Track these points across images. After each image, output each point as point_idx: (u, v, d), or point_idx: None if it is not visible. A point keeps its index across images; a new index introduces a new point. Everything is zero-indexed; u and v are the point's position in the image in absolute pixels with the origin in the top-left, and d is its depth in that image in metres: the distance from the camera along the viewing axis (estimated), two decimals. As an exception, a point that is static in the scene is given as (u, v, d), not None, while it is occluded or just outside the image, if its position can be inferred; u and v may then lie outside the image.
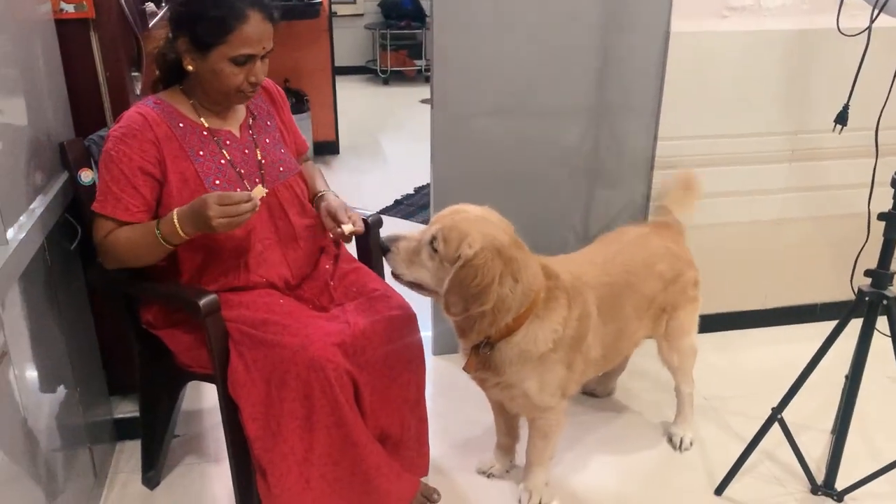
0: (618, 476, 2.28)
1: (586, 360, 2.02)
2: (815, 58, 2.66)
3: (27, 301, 1.65)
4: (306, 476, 1.75)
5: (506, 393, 1.98)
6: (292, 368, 1.69)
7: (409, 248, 1.80)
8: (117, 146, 1.74)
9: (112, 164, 1.74)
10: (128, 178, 1.74)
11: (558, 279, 1.91)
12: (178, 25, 1.76)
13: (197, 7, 1.72)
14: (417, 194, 4.61)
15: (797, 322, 3.09)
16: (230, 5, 1.71)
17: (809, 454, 2.24)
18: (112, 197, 1.75)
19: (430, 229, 1.78)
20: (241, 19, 1.71)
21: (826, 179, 2.87)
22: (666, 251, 2.22)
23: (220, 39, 1.72)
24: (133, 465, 2.24)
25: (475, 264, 1.71)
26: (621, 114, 2.66)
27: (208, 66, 1.76)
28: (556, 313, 1.88)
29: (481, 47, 2.49)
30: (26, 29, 1.75)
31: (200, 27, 1.72)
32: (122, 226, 1.76)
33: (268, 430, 1.74)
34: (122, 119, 1.80)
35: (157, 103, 1.83)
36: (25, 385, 1.60)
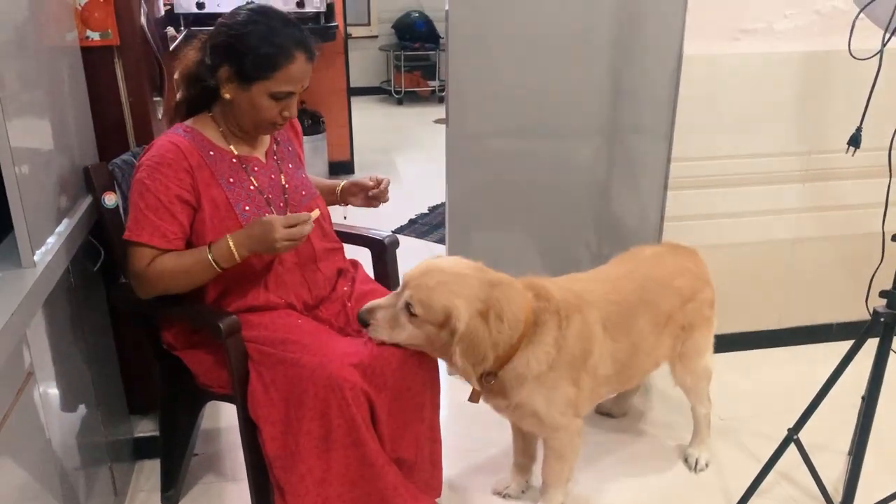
0: (633, 497, 2.28)
1: (595, 378, 2.03)
2: (827, 79, 2.68)
3: (51, 322, 1.68)
4: (324, 496, 1.76)
5: (517, 414, 2.00)
6: (310, 387, 1.71)
7: (387, 317, 1.84)
8: (152, 175, 1.76)
9: (147, 193, 1.76)
10: (165, 206, 1.77)
11: (549, 301, 1.93)
12: (223, 55, 1.78)
13: (248, 42, 1.75)
14: (432, 213, 4.63)
15: (812, 342, 3.08)
16: (280, 44, 1.75)
17: (826, 475, 2.22)
18: (149, 225, 1.76)
19: (404, 294, 1.82)
20: (289, 59, 1.76)
21: (840, 199, 2.87)
22: (684, 269, 2.23)
23: (265, 75, 1.76)
24: (153, 483, 2.26)
25: (470, 335, 1.77)
26: (635, 135, 2.68)
27: (247, 98, 1.79)
28: (547, 335, 1.91)
29: (495, 68, 2.52)
30: (54, 56, 1.80)
31: (248, 61, 1.75)
32: (162, 253, 1.78)
33: (286, 450, 1.75)
34: (153, 148, 1.82)
35: (187, 131, 1.85)
36: (49, 404, 1.63)
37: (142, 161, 1.81)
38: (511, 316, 1.84)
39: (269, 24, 1.77)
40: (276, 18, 1.79)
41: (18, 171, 1.50)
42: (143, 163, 1.80)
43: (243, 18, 1.78)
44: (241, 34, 1.76)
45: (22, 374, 1.47)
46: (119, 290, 1.96)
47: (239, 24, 1.77)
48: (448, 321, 1.78)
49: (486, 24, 2.47)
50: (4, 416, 1.36)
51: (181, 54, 1.89)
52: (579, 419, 2.05)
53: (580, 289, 2.03)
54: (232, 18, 1.79)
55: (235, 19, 1.79)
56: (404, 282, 1.85)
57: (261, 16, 1.79)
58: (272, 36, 1.75)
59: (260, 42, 1.75)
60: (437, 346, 1.83)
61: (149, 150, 1.83)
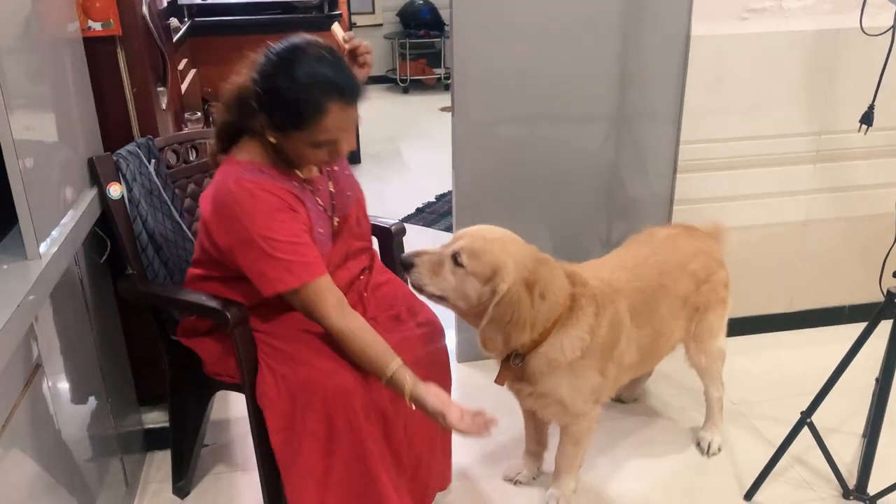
0: (646, 481, 2.27)
1: (620, 367, 2.02)
2: (838, 58, 2.64)
3: (59, 314, 1.68)
4: (322, 498, 1.76)
5: (540, 402, 1.99)
6: (320, 389, 1.70)
7: (433, 261, 1.83)
8: (271, 225, 1.66)
9: (277, 242, 1.66)
10: (299, 243, 1.69)
11: (586, 287, 1.92)
12: (256, 104, 1.66)
13: (276, 97, 1.62)
14: (439, 202, 4.62)
15: (825, 325, 3.05)
16: (307, 98, 1.61)
17: (840, 458, 2.21)
18: (298, 265, 1.68)
19: (453, 245, 1.82)
20: (320, 112, 1.62)
21: (852, 180, 2.84)
22: (698, 251, 2.21)
23: (299, 128, 1.65)
24: (163, 474, 2.26)
25: (510, 300, 1.76)
26: (643, 118, 2.66)
27: (290, 145, 1.70)
28: (583, 322, 1.89)
29: (501, 55, 2.50)
30: (56, 47, 1.79)
31: (278, 116, 1.65)
32: (324, 283, 1.71)
33: (289, 445, 1.75)
34: (244, 201, 1.67)
35: (263, 171, 1.72)
36: (58, 396, 1.63)
37: (239, 215, 1.66)
38: (552, 296, 1.84)
39: (296, 75, 1.61)
40: (307, 65, 1.62)
41: (22, 164, 1.49)
42: (246, 217, 1.66)
43: (270, 68, 1.63)
44: (268, 89, 1.63)
45: (30, 366, 1.47)
46: (126, 282, 1.95)
47: (267, 75, 1.63)
48: (493, 278, 1.77)
49: (490, 9, 2.44)
50: (13, 408, 1.36)
51: (218, 103, 1.79)
52: (599, 407, 2.04)
53: (607, 276, 2.01)
54: (261, 69, 1.65)
55: (264, 70, 1.64)
56: (456, 236, 1.85)
57: (288, 64, 1.62)
58: (300, 89, 1.61)
59: (287, 96, 1.61)
60: (474, 305, 1.81)
61: (240, 204, 1.67)
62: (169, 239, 2.04)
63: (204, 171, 2.25)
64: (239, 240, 1.68)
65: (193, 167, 2.23)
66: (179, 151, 2.20)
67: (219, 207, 1.71)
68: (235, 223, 1.67)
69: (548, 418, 2.10)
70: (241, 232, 1.67)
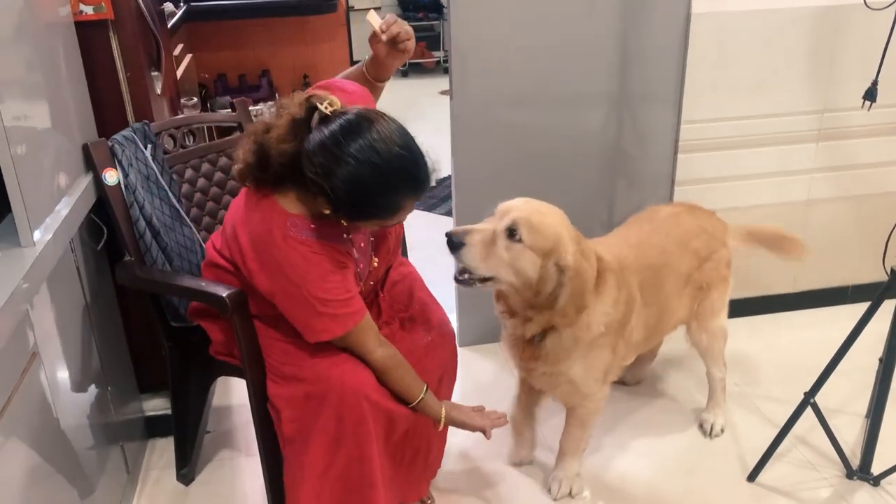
0: (649, 464, 2.26)
1: (628, 344, 2.02)
2: (841, 34, 2.61)
3: (56, 302, 1.66)
4: (318, 490, 1.75)
5: (552, 381, 1.97)
6: (336, 386, 1.68)
7: (484, 240, 1.74)
8: (324, 286, 1.62)
9: (328, 302, 1.63)
10: (349, 298, 1.66)
11: (603, 262, 1.90)
12: (325, 196, 1.54)
13: (350, 200, 1.53)
14: (439, 186, 4.59)
15: (828, 305, 3.04)
16: (389, 203, 1.57)
17: (844, 438, 2.20)
18: (344, 317, 1.66)
19: (504, 219, 1.74)
20: (393, 211, 1.59)
21: (855, 159, 2.81)
22: (700, 229, 2.20)
23: (368, 221, 1.62)
24: (165, 461, 2.26)
25: (578, 272, 1.73)
26: (643, 98, 2.63)
27: (352, 226, 1.68)
28: (608, 296, 1.87)
29: (499, 36, 2.47)
30: (47, 32, 1.77)
31: (353, 212, 1.57)
32: (365, 324, 1.70)
33: (300, 435, 1.74)
34: (296, 262, 1.60)
35: (312, 229, 1.63)
36: (57, 385, 1.62)
37: (290, 275, 1.61)
38: (594, 269, 1.81)
39: (368, 180, 1.51)
40: (380, 162, 1.50)
41: (14, 151, 1.47)
42: (298, 278, 1.60)
43: (343, 168, 1.50)
44: (333, 187, 1.51)
45: (26, 354, 1.46)
46: (124, 268, 1.94)
47: (337, 174, 1.50)
48: (554, 251, 1.72)
49: (488, -11, 2.41)
50: (10, 396, 1.35)
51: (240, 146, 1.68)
52: (608, 386, 2.04)
53: (617, 254, 1.99)
54: (328, 160, 1.50)
55: (332, 165, 1.50)
56: (503, 209, 1.77)
57: (360, 165, 1.50)
58: (374, 194, 1.53)
59: (360, 200, 1.53)
60: (530, 281, 1.75)
61: (292, 265, 1.60)
62: (167, 224, 2.03)
63: (202, 155, 2.22)
64: (286, 293, 1.64)
65: (191, 152, 2.20)
66: (176, 136, 2.18)
67: (263, 257, 1.64)
68: (282, 278, 1.62)
69: (556, 398, 2.08)
70: (289, 288, 1.63)
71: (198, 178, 2.21)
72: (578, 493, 2.13)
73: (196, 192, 2.21)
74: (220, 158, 2.25)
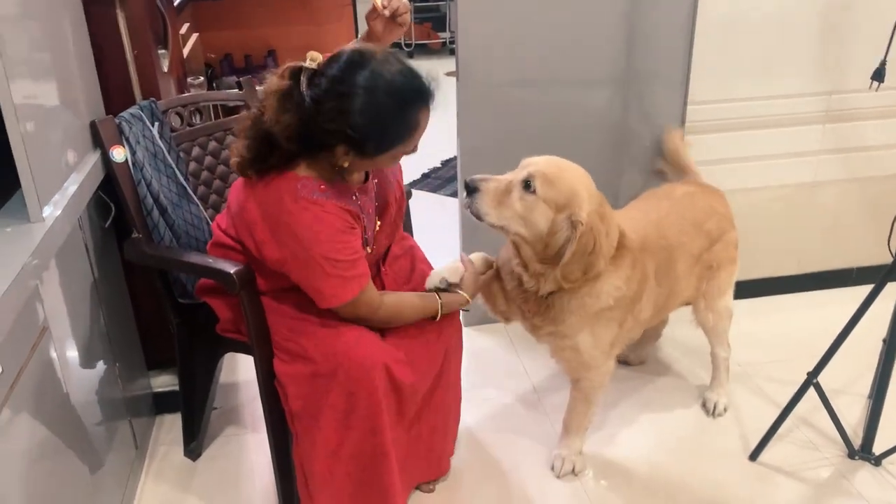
0: (651, 442, 2.28)
1: (637, 321, 2.03)
2: (849, 14, 2.59)
3: (65, 278, 1.68)
4: (331, 469, 1.78)
5: (557, 343, 1.97)
6: (344, 362, 1.70)
7: (499, 189, 1.76)
8: (334, 247, 1.64)
9: (338, 262, 1.65)
10: (356, 259, 1.69)
11: (625, 238, 1.90)
12: (340, 139, 1.58)
13: (370, 129, 1.55)
14: (445, 167, 4.59)
15: (833, 287, 3.04)
16: (405, 120, 1.59)
17: (846, 419, 2.21)
18: (353, 280, 1.68)
19: (522, 171, 1.77)
20: (413, 128, 1.62)
21: (862, 140, 2.80)
22: (712, 210, 2.22)
23: (389, 149, 1.63)
24: (173, 437, 2.29)
25: (591, 229, 1.73)
26: (650, 78, 2.62)
27: (369, 163, 1.69)
28: (622, 271, 1.88)
29: (505, 17, 2.46)
30: (55, 10, 1.77)
31: (369, 144, 1.59)
32: (370, 286, 1.72)
33: (307, 412, 1.76)
34: (307, 223, 1.62)
35: (324, 191, 1.65)
36: (66, 360, 1.64)
37: (301, 236, 1.62)
38: (612, 238, 1.82)
39: (383, 101, 1.55)
40: (388, 86, 1.55)
41: (23, 128, 1.48)
42: (309, 239, 1.62)
43: (351, 100, 1.54)
44: (353, 124, 1.54)
45: (36, 329, 1.48)
46: (132, 245, 1.95)
47: (348, 110, 1.54)
48: (568, 206, 1.73)
49: (494, -31, 2.40)
50: (20, 371, 1.37)
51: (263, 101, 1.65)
52: (612, 361, 2.05)
53: (640, 231, 1.99)
54: (338, 99, 1.54)
55: (343, 102, 1.54)
56: (524, 163, 1.79)
57: (372, 92, 1.54)
58: (391, 115, 1.57)
59: (380, 126, 1.56)
60: (541, 234, 1.75)
61: (303, 224, 1.62)
62: (174, 202, 2.03)
63: (209, 133, 2.23)
64: (296, 257, 1.66)
65: (198, 130, 2.21)
66: (183, 114, 2.18)
67: (273, 224, 1.66)
68: (293, 241, 1.64)
69: (559, 364, 2.08)
70: (300, 252, 1.64)
71: (205, 155, 2.22)
72: (581, 471, 2.15)
73: (203, 170, 2.22)
74: (228, 136, 2.26)
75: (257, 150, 1.65)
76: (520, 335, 2.54)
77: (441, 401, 1.94)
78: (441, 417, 1.97)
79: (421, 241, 2.17)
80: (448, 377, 1.96)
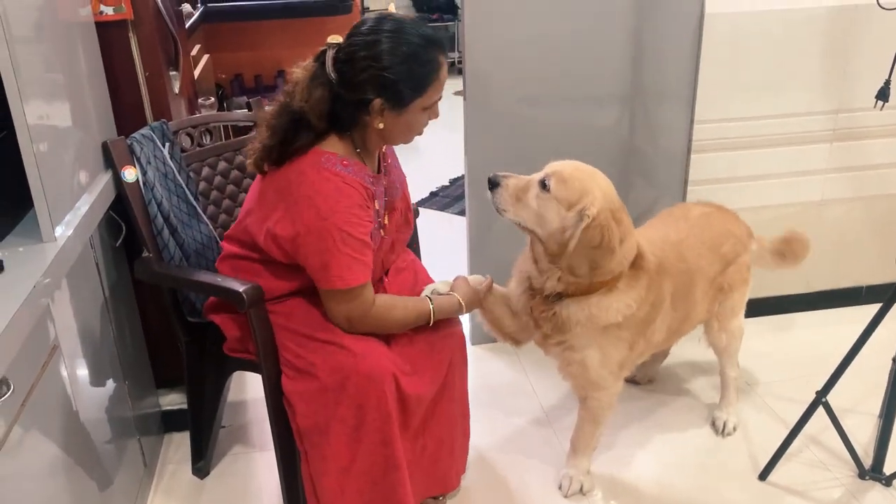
0: (660, 461, 2.27)
1: (648, 343, 2.03)
2: (854, 34, 2.60)
3: (75, 297, 1.70)
4: (342, 485, 1.77)
5: (566, 355, 1.97)
6: (353, 376, 1.71)
7: (518, 186, 1.83)
8: (349, 220, 1.68)
9: (350, 238, 1.68)
10: (366, 243, 1.72)
11: (644, 259, 1.91)
12: (376, 88, 1.66)
13: (400, 69, 1.65)
14: (453, 186, 4.61)
15: (841, 305, 3.03)
16: (430, 59, 1.69)
17: (856, 438, 2.20)
18: (360, 266, 1.71)
19: (542, 172, 1.83)
20: (438, 68, 1.70)
21: (869, 159, 2.80)
22: (728, 232, 2.22)
23: (422, 92, 1.69)
24: (181, 455, 2.29)
25: (599, 224, 1.75)
26: (657, 97, 2.64)
27: (403, 121, 1.72)
28: (635, 291, 1.88)
29: (513, 36, 2.48)
30: (69, 33, 1.80)
31: (403, 86, 1.66)
32: (370, 284, 1.75)
33: (317, 428, 1.76)
34: (327, 192, 1.68)
35: (346, 165, 1.72)
36: (76, 378, 1.65)
37: (319, 205, 1.67)
38: (626, 248, 1.83)
39: (410, 40, 1.66)
40: (412, 30, 1.68)
41: (37, 149, 1.50)
42: (327, 209, 1.67)
43: (382, 45, 1.65)
44: (388, 66, 1.64)
45: (47, 347, 1.49)
46: (142, 264, 1.97)
47: (381, 52, 1.64)
48: (580, 202, 1.76)
49: (502, -10, 2.42)
50: (31, 388, 1.38)
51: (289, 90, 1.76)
52: (621, 382, 2.04)
53: (658, 254, 1.99)
54: (369, 48, 1.65)
55: (374, 49, 1.65)
56: (548, 165, 1.86)
57: (398, 34, 1.66)
58: (418, 52, 1.67)
59: (411, 64, 1.66)
60: (555, 231, 1.79)
61: (320, 194, 1.68)
62: (184, 222, 2.06)
63: (219, 154, 2.26)
64: (309, 229, 1.68)
65: (208, 150, 2.23)
66: (193, 135, 2.21)
67: (290, 197, 1.70)
68: (311, 212, 1.67)
69: (566, 380, 2.07)
70: (315, 222, 1.67)
71: (214, 175, 2.25)
72: (589, 491, 2.14)
73: (213, 190, 2.24)
74: (237, 157, 2.28)
75: (283, 134, 1.72)
76: (528, 355, 2.54)
77: (446, 413, 1.94)
78: (447, 430, 1.97)
79: (428, 259, 2.18)
80: (452, 390, 1.96)
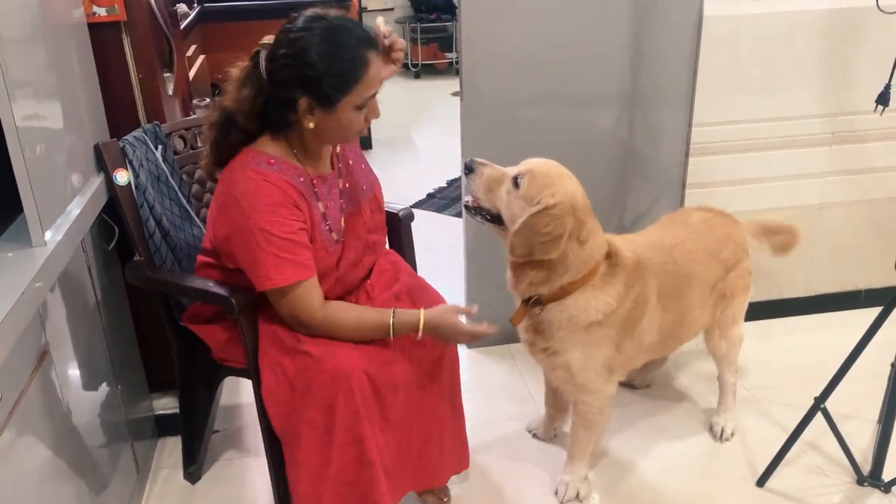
0: (658, 467, 2.25)
1: (638, 346, 2.02)
2: (854, 37, 2.59)
3: (67, 301, 1.68)
4: (318, 489, 1.75)
5: (550, 361, 1.98)
6: (318, 376, 1.69)
7: (493, 177, 1.87)
8: (270, 219, 1.65)
9: (272, 237, 1.65)
10: (294, 241, 1.68)
11: (620, 256, 1.92)
12: (296, 87, 1.63)
13: (320, 65, 1.60)
14: (450, 187, 4.60)
15: (840, 309, 3.02)
16: (354, 56, 1.63)
17: (854, 444, 2.18)
18: (289, 263, 1.67)
19: (517, 168, 1.85)
20: (365, 65, 1.64)
21: (869, 162, 2.79)
22: (728, 238, 2.21)
23: (348, 91, 1.64)
24: (175, 460, 2.27)
25: (551, 213, 1.77)
26: (655, 100, 2.62)
27: (334, 120, 1.67)
28: (613, 288, 1.90)
29: (510, 37, 2.47)
30: (61, 34, 1.78)
31: (327, 84, 1.62)
32: (312, 283, 1.72)
33: (288, 434, 1.75)
34: (248, 190, 1.66)
35: (271, 164, 1.70)
36: (68, 383, 1.63)
37: (246, 206, 1.66)
38: (590, 248, 1.85)
39: (333, 37, 1.62)
40: (336, 26, 1.64)
41: (26, 151, 1.48)
42: (248, 206, 1.65)
43: (303, 41, 1.61)
44: (308, 62, 1.60)
45: (38, 352, 1.47)
46: (133, 268, 1.95)
47: (301, 49, 1.60)
48: (540, 193, 1.79)
49: (499, -10, 2.40)
50: (21, 394, 1.36)
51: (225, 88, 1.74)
52: (611, 385, 2.03)
53: (640, 252, 2.01)
54: (291, 45, 1.61)
55: (296, 45, 1.61)
56: (524, 162, 1.88)
57: (324, 32, 1.62)
58: (341, 49, 1.62)
59: (334, 62, 1.61)
60: (514, 217, 1.81)
61: (244, 194, 1.66)
62: (176, 225, 2.04)
63: (211, 157, 2.24)
64: (237, 229, 1.68)
65: (201, 153, 2.21)
66: (187, 137, 2.19)
67: (222, 198, 1.72)
68: (236, 211, 1.67)
69: (555, 383, 2.08)
70: (240, 221, 1.67)
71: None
72: (586, 497, 2.12)
73: (205, 193, 2.22)
74: (231, 159, 2.26)
75: (216, 133, 1.73)
76: (524, 359, 2.53)
77: (434, 409, 1.91)
78: (436, 428, 1.93)
79: (425, 261, 2.16)
80: (442, 386, 1.93)
